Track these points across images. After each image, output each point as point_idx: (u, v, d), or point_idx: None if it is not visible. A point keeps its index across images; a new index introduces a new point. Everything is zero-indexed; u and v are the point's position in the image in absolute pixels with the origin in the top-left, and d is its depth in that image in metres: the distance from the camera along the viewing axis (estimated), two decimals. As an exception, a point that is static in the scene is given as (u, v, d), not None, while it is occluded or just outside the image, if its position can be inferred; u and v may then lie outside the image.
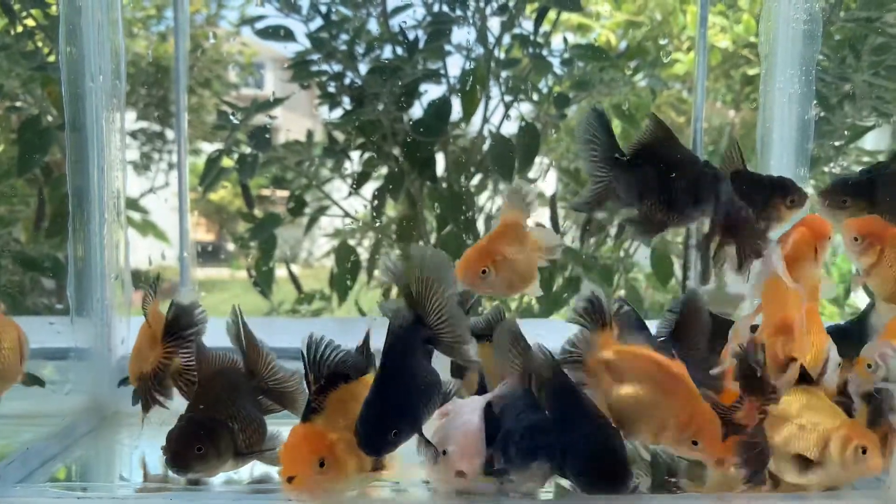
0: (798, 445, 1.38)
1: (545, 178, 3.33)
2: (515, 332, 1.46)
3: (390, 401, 1.31)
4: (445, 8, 3.01)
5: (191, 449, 1.39)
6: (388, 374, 1.34)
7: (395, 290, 3.25)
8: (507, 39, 3.11)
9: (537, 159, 3.14)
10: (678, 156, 1.57)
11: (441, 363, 1.48)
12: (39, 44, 2.80)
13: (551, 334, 1.54)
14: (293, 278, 3.44)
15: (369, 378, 1.38)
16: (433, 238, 3.21)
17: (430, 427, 1.41)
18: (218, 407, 1.45)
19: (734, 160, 1.59)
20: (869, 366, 1.47)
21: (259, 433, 1.49)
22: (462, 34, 3.05)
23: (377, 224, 3.24)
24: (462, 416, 1.39)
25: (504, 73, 3.15)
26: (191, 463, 1.39)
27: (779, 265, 1.46)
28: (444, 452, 1.34)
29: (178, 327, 1.63)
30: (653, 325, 1.69)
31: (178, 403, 1.63)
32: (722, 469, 1.40)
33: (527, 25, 3.10)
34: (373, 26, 3.05)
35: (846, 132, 2.88)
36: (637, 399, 1.37)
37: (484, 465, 1.35)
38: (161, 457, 1.45)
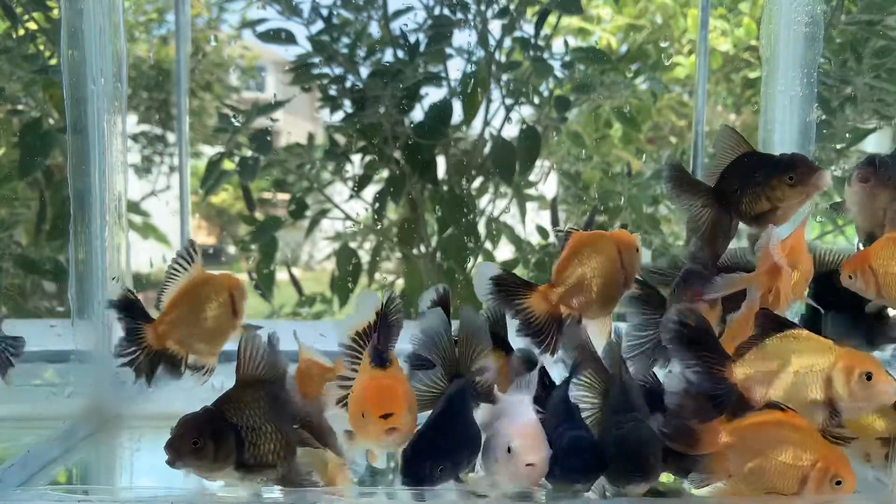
0: (803, 392, 1.36)
1: (546, 181, 3.33)
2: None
3: (445, 439, 1.35)
4: (446, 11, 3.01)
5: (186, 440, 1.31)
6: (448, 416, 1.38)
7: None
8: (508, 42, 3.11)
9: (538, 162, 3.14)
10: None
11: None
12: (41, 47, 2.81)
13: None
14: (294, 281, 3.44)
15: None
16: (434, 241, 3.21)
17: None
18: (238, 411, 1.37)
19: (734, 145, 1.59)
20: None
21: (274, 455, 1.38)
22: (463, 37, 3.05)
23: (378, 227, 3.24)
24: (517, 413, 1.39)
25: (505, 77, 3.15)
26: (184, 455, 1.31)
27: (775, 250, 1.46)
28: (510, 449, 1.33)
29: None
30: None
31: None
32: None
33: (528, 29, 3.10)
34: (374, 29, 3.05)
35: (847, 135, 2.88)
36: (774, 465, 1.33)
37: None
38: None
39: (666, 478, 1.44)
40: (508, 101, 3.15)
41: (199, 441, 1.31)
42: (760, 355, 1.38)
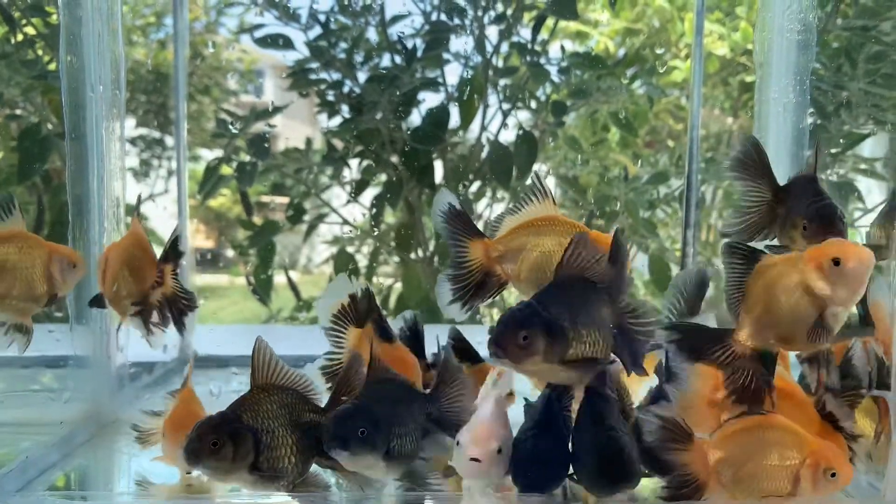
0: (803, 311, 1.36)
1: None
2: None
3: (372, 406, 1.35)
4: (443, 17, 3.02)
5: (206, 441, 1.33)
6: (377, 386, 1.39)
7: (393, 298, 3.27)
8: (504, 48, 3.13)
9: (535, 167, 3.15)
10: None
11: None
12: (40, 52, 2.81)
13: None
14: (292, 285, 3.45)
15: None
16: (432, 245, 3.22)
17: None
18: (255, 415, 1.38)
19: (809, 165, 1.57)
20: None
21: (288, 461, 1.39)
22: (460, 43, 3.07)
23: (376, 231, 3.25)
24: (478, 410, 1.41)
25: (502, 82, 3.16)
26: (203, 456, 1.33)
27: None
28: (458, 443, 1.36)
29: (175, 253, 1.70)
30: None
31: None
32: None
33: (524, 34, 3.12)
34: (371, 35, 3.06)
35: (842, 140, 2.89)
36: (765, 469, 1.33)
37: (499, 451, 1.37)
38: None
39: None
40: (505, 106, 3.16)
41: (219, 442, 1.33)
42: (751, 306, 1.38)
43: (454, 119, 3.08)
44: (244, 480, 1.38)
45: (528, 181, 1.60)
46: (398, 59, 3.04)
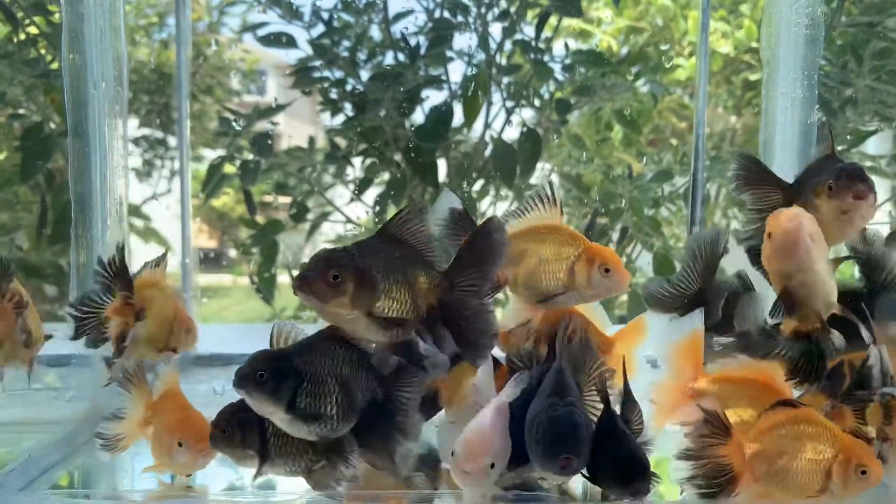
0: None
1: (546, 184, 3.32)
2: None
3: (280, 357, 1.34)
4: (447, 14, 3.02)
5: (219, 428, 1.41)
6: (300, 346, 1.37)
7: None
8: (508, 45, 3.12)
9: (539, 165, 3.14)
10: None
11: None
12: (42, 51, 2.81)
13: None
14: (295, 285, 3.43)
15: None
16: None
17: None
18: None
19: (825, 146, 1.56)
20: None
21: (297, 448, 1.41)
22: (464, 40, 3.06)
23: (379, 230, 3.24)
24: (481, 413, 1.39)
25: (506, 79, 3.15)
26: (217, 441, 1.42)
27: None
28: (453, 454, 1.35)
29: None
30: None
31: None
32: None
33: (528, 31, 3.11)
34: (375, 33, 3.06)
35: (848, 137, 2.88)
36: (797, 463, 1.33)
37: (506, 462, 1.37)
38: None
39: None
40: (509, 104, 3.15)
41: (228, 429, 1.40)
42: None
43: (458, 117, 3.08)
44: (258, 465, 1.42)
45: (538, 186, 1.60)
46: (401, 57, 3.03)
